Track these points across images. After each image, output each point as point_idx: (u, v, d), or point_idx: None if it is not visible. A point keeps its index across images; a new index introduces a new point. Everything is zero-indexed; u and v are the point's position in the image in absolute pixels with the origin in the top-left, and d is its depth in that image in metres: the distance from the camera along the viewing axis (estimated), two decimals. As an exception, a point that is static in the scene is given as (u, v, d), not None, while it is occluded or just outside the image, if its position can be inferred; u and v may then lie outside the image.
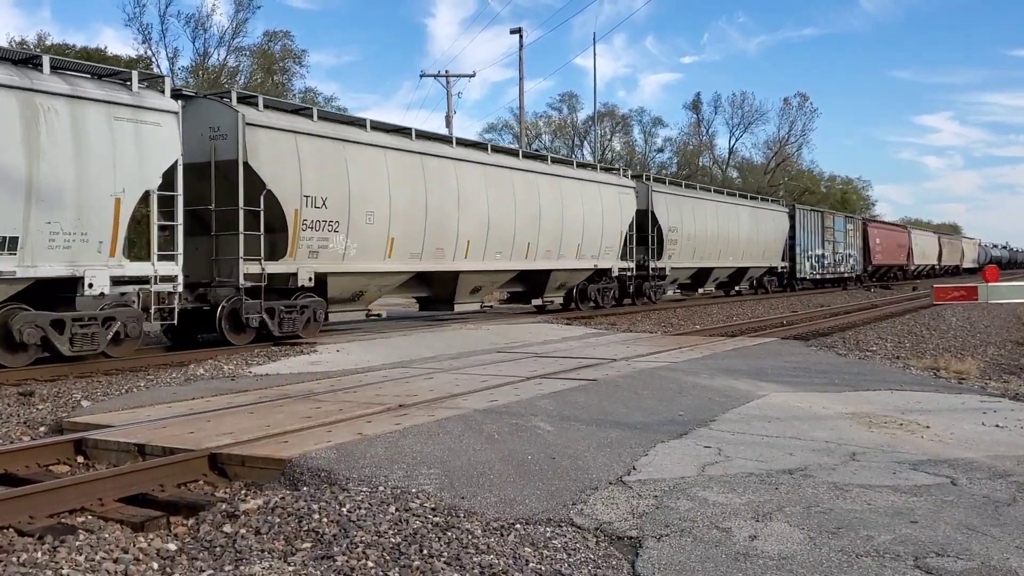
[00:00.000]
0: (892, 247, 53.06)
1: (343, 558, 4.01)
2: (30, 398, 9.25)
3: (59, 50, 34.90)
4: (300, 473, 5.34)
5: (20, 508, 4.91)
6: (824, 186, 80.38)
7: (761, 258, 33.57)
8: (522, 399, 7.84)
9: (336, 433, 6.34)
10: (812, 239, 39.50)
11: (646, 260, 24.85)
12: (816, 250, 40.01)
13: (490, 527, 4.41)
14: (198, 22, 42.71)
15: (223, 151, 13.08)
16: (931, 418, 7.22)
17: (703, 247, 28.07)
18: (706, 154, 73.94)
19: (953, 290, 10.86)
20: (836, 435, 6.51)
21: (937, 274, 65.53)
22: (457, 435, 6.28)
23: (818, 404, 7.93)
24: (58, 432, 7.33)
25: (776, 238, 35.12)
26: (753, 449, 6.04)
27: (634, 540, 4.21)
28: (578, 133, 68.65)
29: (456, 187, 17.22)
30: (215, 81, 39.76)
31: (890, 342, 14.86)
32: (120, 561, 4.21)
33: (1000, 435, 6.57)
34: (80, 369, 11.25)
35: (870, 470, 5.45)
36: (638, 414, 7.37)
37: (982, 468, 5.49)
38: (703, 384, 9.00)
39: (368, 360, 11.81)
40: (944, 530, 4.27)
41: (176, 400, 8.37)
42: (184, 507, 5.15)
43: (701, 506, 4.69)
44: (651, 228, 24.95)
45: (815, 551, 4.00)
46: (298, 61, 46.52)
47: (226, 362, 11.61)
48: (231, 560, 4.12)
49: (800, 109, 73.32)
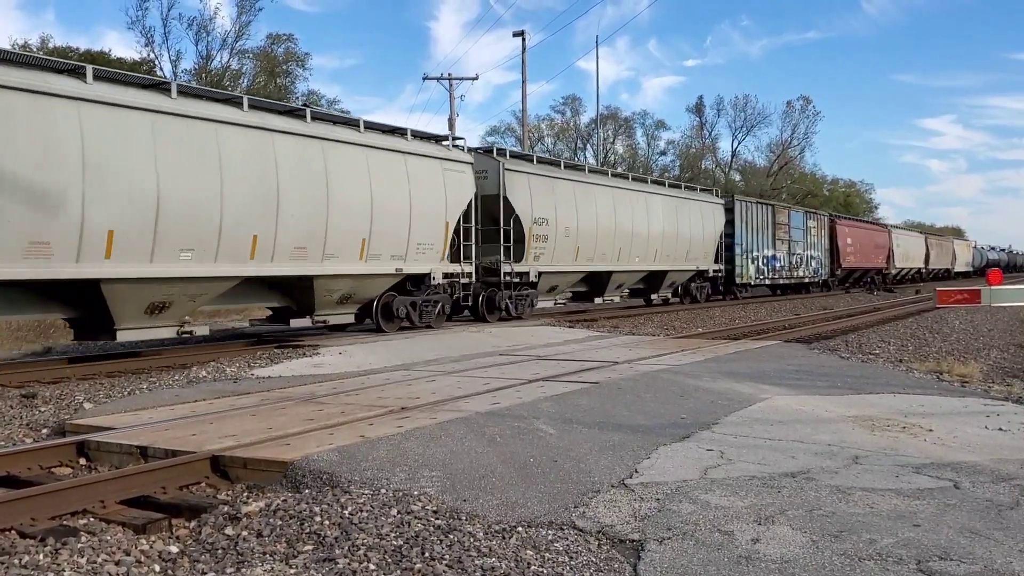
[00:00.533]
0: (867, 248, 46.76)
1: (345, 560, 4.01)
2: (33, 400, 9.26)
3: (62, 53, 35.00)
4: (302, 475, 5.34)
5: (22, 510, 4.92)
6: (827, 189, 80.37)
7: (684, 259, 26.72)
8: (524, 402, 7.84)
9: (338, 436, 6.34)
10: (759, 237, 33.06)
11: (498, 263, 18.63)
12: (764, 250, 33.58)
13: (492, 530, 4.40)
14: (201, 25, 42.83)
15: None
16: (934, 421, 7.21)
17: (592, 245, 21.67)
18: (709, 157, 74.02)
19: (956, 293, 10.85)
20: (838, 438, 6.49)
21: (924, 279, 59.23)
22: (459, 438, 6.28)
23: (820, 407, 7.91)
24: (60, 434, 7.34)
25: (707, 235, 28.04)
26: (755, 452, 6.03)
27: (636, 543, 4.20)
28: (581, 136, 68.73)
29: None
30: (218, 83, 39.82)
31: (893, 345, 14.84)
32: (122, 563, 4.21)
33: (1003, 439, 6.56)
34: (82, 371, 11.26)
35: (873, 473, 5.44)
36: (640, 417, 7.36)
37: (985, 472, 5.48)
38: (705, 387, 8.99)
39: (370, 363, 11.81)
40: (947, 534, 4.26)
41: (178, 402, 8.37)
42: (186, 509, 5.15)
43: (703, 509, 4.68)
44: (505, 220, 18.56)
45: (817, 554, 3.99)
46: (301, 64, 46.64)
47: (228, 364, 11.62)
48: (233, 562, 4.12)
49: (803, 112, 73.45)
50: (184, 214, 11.59)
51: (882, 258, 48.96)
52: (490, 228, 18.61)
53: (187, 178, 11.65)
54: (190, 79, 40.29)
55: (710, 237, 28.44)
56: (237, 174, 12.35)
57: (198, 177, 11.81)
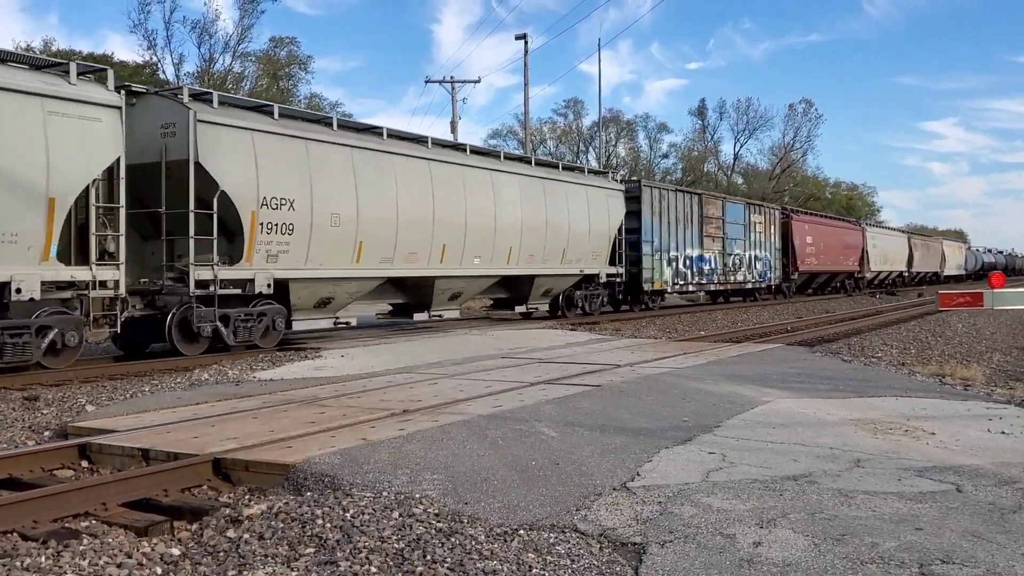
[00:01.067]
0: (834, 248, 40.63)
1: (346, 563, 4.01)
2: (35, 403, 9.27)
3: (65, 55, 35.08)
4: (304, 478, 5.34)
5: (24, 512, 4.92)
6: (829, 192, 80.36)
7: (560, 261, 20.61)
8: (526, 405, 7.83)
9: (340, 438, 6.33)
10: (679, 233, 26.82)
11: (186, 266, 12.44)
12: (687, 250, 27.27)
13: (493, 533, 4.40)
14: (203, 28, 42.92)
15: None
16: (936, 424, 7.19)
17: (390, 241, 15.60)
18: (711, 160, 74.04)
19: (958, 296, 10.83)
20: (841, 441, 6.49)
21: (906, 284, 53.61)
22: (461, 440, 6.28)
23: (823, 410, 7.90)
24: (63, 437, 7.35)
25: (597, 229, 21.91)
26: (757, 455, 6.03)
27: (638, 546, 4.20)
28: (583, 139, 68.75)
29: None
30: (220, 86, 39.90)
31: (895, 348, 14.84)
32: (124, 566, 4.21)
33: (1006, 442, 6.55)
34: (85, 374, 11.27)
35: (875, 477, 5.43)
36: (642, 420, 7.36)
37: (988, 475, 5.47)
38: (708, 390, 8.98)
39: (372, 365, 11.81)
40: (949, 537, 4.25)
41: (180, 405, 8.38)
42: (188, 512, 5.14)
43: (705, 512, 4.68)
44: (201, 201, 12.60)
45: (819, 558, 3.98)
46: (303, 67, 46.74)
47: (231, 367, 11.63)
48: (234, 565, 4.12)
49: (805, 115, 73.52)
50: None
51: (854, 260, 43.51)
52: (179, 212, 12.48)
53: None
54: (192, 82, 40.37)
55: (602, 232, 22.18)
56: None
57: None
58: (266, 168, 13.47)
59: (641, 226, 24.64)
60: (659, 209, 25.70)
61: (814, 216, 42.05)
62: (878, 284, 48.69)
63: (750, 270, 32.30)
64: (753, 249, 32.63)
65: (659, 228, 25.63)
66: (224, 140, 12.94)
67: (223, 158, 12.87)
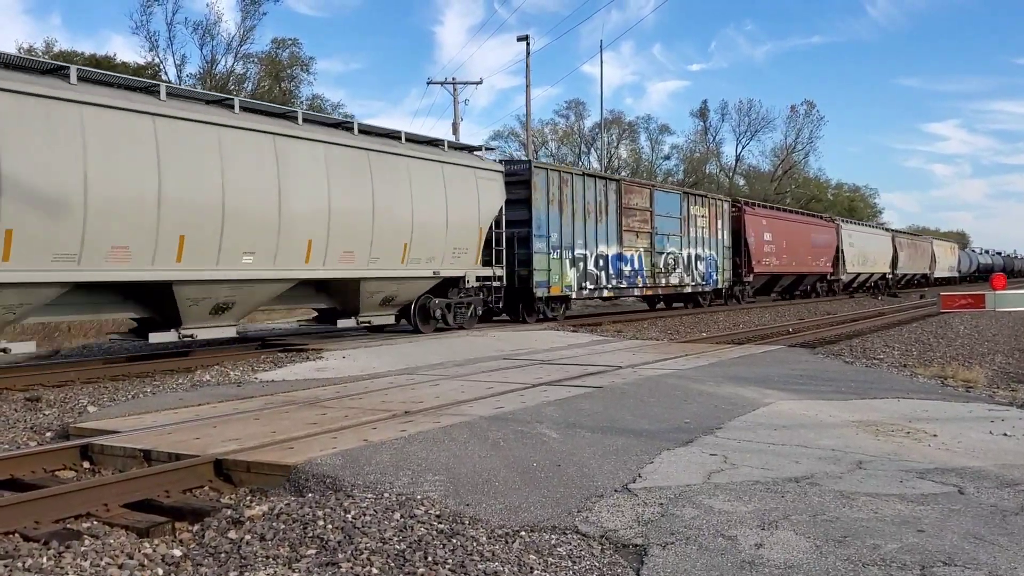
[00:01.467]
0: (800, 247, 35.15)
1: (348, 564, 4.01)
2: (37, 403, 9.27)
3: (68, 57, 35.12)
4: (305, 479, 5.34)
5: (26, 513, 4.93)
6: (831, 194, 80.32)
7: (400, 259, 15.30)
8: (528, 406, 7.83)
9: (342, 440, 6.34)
10: (588, 228, 21.70)
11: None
12: (600, 247, 22.22)
13: (495, 534, 4.40)
14: (205, 29, 42.97)
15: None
16: (938, 426, 7.19)
17: (76, 230, 10.25)
18: (713, 161, 74.04)
19: (960, 298, 10.83)
20: (843, 443, 6.48)
21: (890, 287, 48.14)
22: (463, 442, 6.28)
23: (824, 412, 7.90)
24: (64, 438, 7.35)
25: (459, 220, 16.68)
26: (759, 457, 6.02)
27: (639, 548, 4.20)
28: (584, 140, 68.77)
29: None
30: (222, 88, 39.95)
31: (897, 350, 14.83)
32: (125, 567, 4.21)
33: (1008, 444, 6.54)
34: (86, 375, 11.28)
35: (877, 479, 5.43)
36: (644, 421, 7.36)
37: (990, 477, 5.46)
38: (709, 391, 8.98)
39: (374, 367, 11.82)
40: (951, 539, 4.25)
41: (182, 406, 8.38)
42: (189, 513, 5.15)
43: (707, 514, 4.67)
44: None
45: (821, 560, 3.98)
46: (305, 68, 46.77)
47: (232, 368, 11.64)
48: (236, 566, 4.12)
49: (807, 117, 73.55)
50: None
51: (826, 260, 38.40)
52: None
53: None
54: (194, 83, 40.42)
55: (467, 224, 17.03)
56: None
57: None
58: None
59: (532, 217, 19.67)
60: (558, 197, 20.56)
61: (774, 210, 36.03)
62: (856, 287, 43.93)
63: (688, 271, 27.04)
64: (693, 247, 27.34)
65: (558, 220, 20.53)
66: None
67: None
